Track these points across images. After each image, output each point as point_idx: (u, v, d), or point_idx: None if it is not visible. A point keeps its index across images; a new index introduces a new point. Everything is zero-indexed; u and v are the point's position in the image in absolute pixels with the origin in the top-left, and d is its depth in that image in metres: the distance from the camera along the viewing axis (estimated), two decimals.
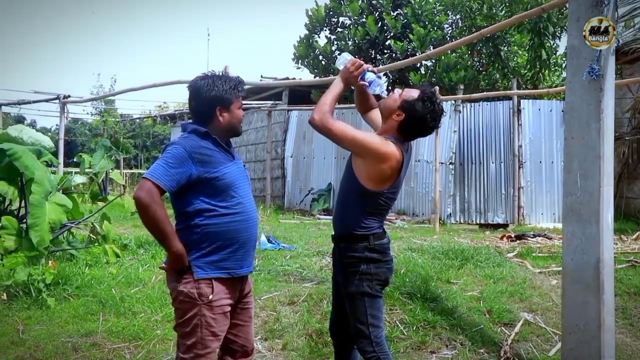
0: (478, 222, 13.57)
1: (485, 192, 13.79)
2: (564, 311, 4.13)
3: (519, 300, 5.95)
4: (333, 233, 3.51)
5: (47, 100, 15.23)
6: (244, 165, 3.36)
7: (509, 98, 13.56)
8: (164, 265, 3.12)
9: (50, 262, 6.21)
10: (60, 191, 7.44)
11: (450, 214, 13.64)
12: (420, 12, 16.67)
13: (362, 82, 3.40)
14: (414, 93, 3.33)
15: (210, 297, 3.01)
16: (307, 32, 18.82)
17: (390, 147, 3.23)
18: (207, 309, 3.01)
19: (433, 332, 5.16)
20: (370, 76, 3.38)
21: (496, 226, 12.97)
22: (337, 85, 3.34)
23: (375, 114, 3.63)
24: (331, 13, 18.34)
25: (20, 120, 44.28)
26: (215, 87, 3.14)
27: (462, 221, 13.73)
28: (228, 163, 3.15)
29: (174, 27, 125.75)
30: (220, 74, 3.26)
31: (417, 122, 3.31)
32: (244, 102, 3.34)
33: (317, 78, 17.81)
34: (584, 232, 3.91)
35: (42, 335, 4.88)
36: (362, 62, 3.37)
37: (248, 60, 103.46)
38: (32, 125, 49.40)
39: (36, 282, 5.63)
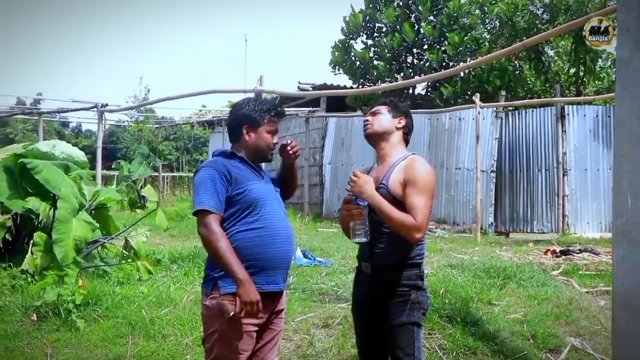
0: (521, 231, 13.21)
1: (528, 200, 13.45)
2: (614, 340, 3.84)
3: (565, 323, 5.64)
4: (372, 262, 3.20)
5: (85, 109, 15.59)
6: (276, 190, 3.29)
7: (552, 104, 13.18)
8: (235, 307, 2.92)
9: (80, 280, 6.11)
10: (92, 207, 7.35)
11: (491, 223, 13.28)
12: (456, 16, 16.36)
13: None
14: (388, 105, 3.36)
15: (232, 313, 2.92)
16: (343, 37, 18.69)
17: (428, 167, 3.14)
18: (228, 325, 2.94)
19: (474, 358, 4.89)
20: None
21: (539, 234, 12.62)
22: (381, 204, 3.04)
23: None
24: (368, 18, 18.14)
25: (65, 124, 45.30)
26: (246, 107, 3.21)
27: (504, 230, 13.38)
28: (255, 180, 3.12)
29: (211, 33, 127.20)
30: (261, 98, 3.29)
31: (411, 119, 3.38)
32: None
33: (354, 88, 17.71)
34: (636, 256, 3.62)
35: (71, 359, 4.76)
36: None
37: (285, 66, 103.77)
38: (77, 129, 50.36)
39: (66, 303, 5.53)
